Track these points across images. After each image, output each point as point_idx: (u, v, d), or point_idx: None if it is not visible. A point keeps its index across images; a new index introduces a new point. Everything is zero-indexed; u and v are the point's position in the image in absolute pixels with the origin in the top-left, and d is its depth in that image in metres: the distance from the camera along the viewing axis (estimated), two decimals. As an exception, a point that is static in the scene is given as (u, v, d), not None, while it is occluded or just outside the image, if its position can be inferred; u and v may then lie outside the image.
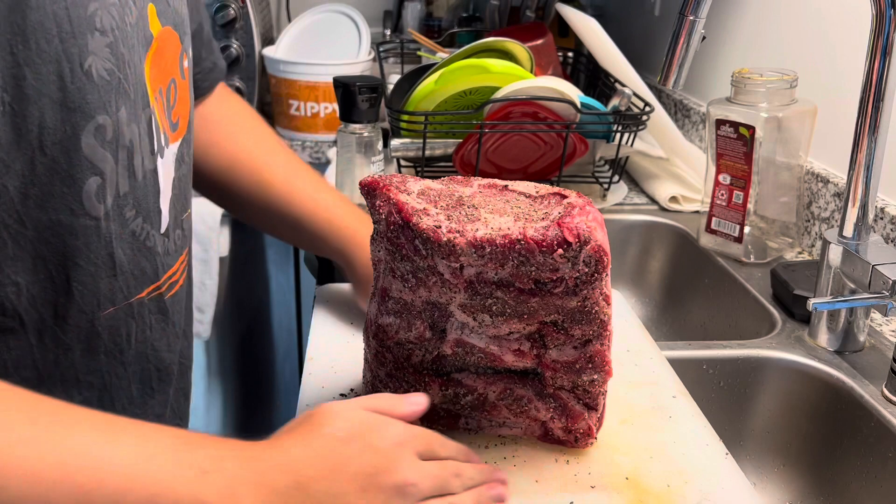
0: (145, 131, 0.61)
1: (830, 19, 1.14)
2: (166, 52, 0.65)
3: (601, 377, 0.61)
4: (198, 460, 0.48)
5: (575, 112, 1.19)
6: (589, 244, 0.55)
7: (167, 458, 0.48)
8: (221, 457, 0.49)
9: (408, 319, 0.61)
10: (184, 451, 0.49)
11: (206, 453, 0.49)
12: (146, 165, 0.62)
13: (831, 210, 1.08)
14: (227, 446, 0.51)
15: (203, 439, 0.51)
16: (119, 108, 0.57)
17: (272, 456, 0.51)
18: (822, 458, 0.85)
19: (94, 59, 0.54)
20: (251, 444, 0.52)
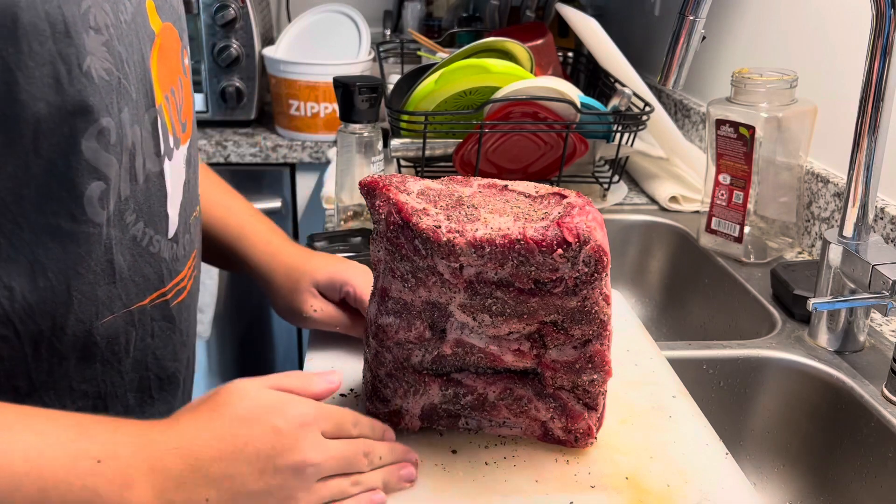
0: (149, 133, 0.60)
1: (830, 19, 1.14)
2: (169, 49, 0.64)
3: (601, 377, 0.61)
4: (92, 449, 0.48)
5: (575, 112, 1.19)
6: (588, 244, 0.55)
7: (61, 450, 0.47)
8: (116, 443, 0.49)
9: (407, 319, 0.61)
10: (79, 440, 0.49)
11: (102, 440, 0.49)
12: (148, 168, 0.60)
13: (831, 210, 1.08)
14: (124, 430, 0.50)
15: (100, 424, 0.50)
16: (121, 109, 0.55)
17: (169, 439, 0.51)
18: (822, 458, 0.85)
19: (92, 59, 0.52)
20: (149, 425, 0.52)
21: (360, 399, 0.69)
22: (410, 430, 0.65)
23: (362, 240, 1.01)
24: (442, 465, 0.62)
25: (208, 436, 0.51)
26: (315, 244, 1.00)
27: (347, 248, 0.99)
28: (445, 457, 0.63)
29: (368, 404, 0.65)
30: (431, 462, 0.62)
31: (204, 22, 1.60)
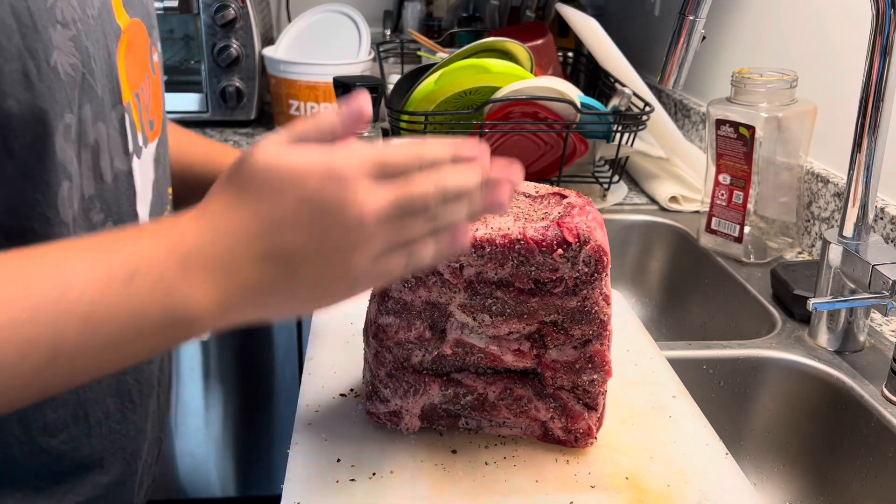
0: (116, 130, 0.57)
1: (830, 19, 1.14)
2: (137, 46, 0.61)
3: (601, 377, 0.61)
4: (122, 264, 0.44)
5: (575, 112, 1.19)
6: (588, 244, 0.55)
7: (89, 275, 0.43)
8: (143, 250, 0.45)
9: (407, 319, 0.61)
10: (103, 260, 0.44)
11: (128, 252, 0.45)
12: (116, 166, 0.58)
13: (831, 210, 1.08)
14: (148, 235, 0.46)
15: (120, 237, 0.46)
16: (83, 105, 0.54)
17: (200, 231, 0.46)
18: (822, 458, 0.85)
19: (58, 55, 0.51)
20: (173, 221, 0.47)
21: (360, 399, 0.69)
22: (410, 430, 0.65)
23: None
24: (442, 465, 0.62)
25: (241, 216, 0.46)
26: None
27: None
28: (445, 457, 0.63)
29: (368, 404, 0.65)
30: (431, 462, 0.62)
31: (204, 22, 1.60)
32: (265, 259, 0.45)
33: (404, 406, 0.64)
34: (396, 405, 0.64)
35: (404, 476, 0.60)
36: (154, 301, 0.44)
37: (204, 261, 0.45)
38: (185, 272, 0.44)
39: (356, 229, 0.46)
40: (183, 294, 0.44)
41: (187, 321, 0.45)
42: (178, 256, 0.45)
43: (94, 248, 0.45)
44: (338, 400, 0.69)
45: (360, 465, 0.61)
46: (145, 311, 0.44)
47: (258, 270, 0.45)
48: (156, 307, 0.44)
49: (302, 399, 0.69)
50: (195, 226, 0.46)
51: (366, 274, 0.47)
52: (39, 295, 0.42)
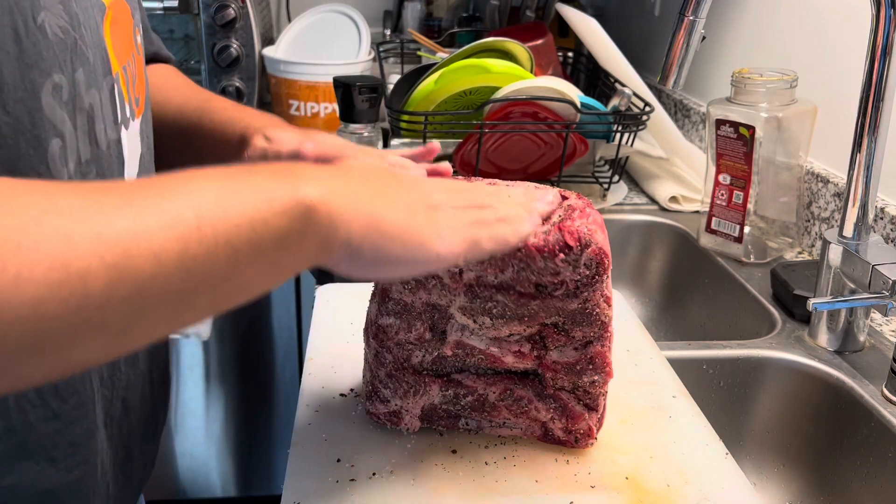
0: (107, 99, 0.59)
1: (830, 19, 1.14)
2: (121, 24, 0.63)
3: (602, 378, 0.61)
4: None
5: (575, 112, 1.19)
6: (590, 247, 0.55)
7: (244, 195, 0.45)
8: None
9: (408, 321, 0.61)
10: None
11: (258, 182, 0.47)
12: (109, 135, 0.60)
13: (831, 210, 1.08)
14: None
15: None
16: (76, 69, 0.55)
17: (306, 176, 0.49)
18: (822, 458, 0.85)
19: (46, 15, 0.52)
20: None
21: (360, 399, 0.69)
22: (410, 430, 0.65)
23: (362, 240, 1.01)
24: (442, 465, 0.62)
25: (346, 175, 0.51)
26: (315, 244, 1.00)
27: (347, 248, 0.99)
28: (446, 457, 0.63)
29: (368, 404, 0.65)
30: (431, 462, 0.62)
31: (204, 22, 1.60)
32: (359, 179, 0.50)
33: (404, 406, 0.64)
34: (396, 405, 0.64)
35: (404, 476, 0.60)
36: (274, 181, 0.46)
37: (309, 170, 0.48)
38: (294, 173, 0.47)
39: (429, 191, 0.53)
40: (296, 180, 0.46)
41: (308, 200, 0.46)
42: (284, 168, 0.48)
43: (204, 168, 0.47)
44: (338, 400, 0.69)
45: (360, 465, 0.61)
46: (269, 188, 0.45)
47: (357, 176, 0.50)
48: (277, 186, 0.45)
49: (302, 399, 0.69)
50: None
51: (450, 232, 0.52)
52: (170, 184, 0.43)
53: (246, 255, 0.44)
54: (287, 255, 0.46)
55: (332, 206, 0.47)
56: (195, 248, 0.41)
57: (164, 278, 0.40)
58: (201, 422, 1.83)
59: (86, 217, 0.39)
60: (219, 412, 1.84)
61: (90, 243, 0.38)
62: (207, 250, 0.42)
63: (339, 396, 0.70)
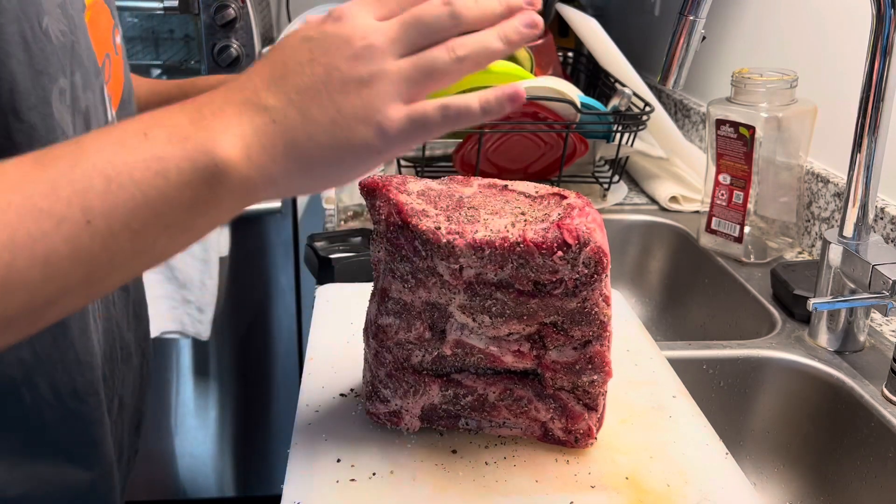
0: (99, 100, 0.59)
1: (830, 19, 1.14)
2: (100, 23, 0.63)
3: (601, 378, 0.61)
4: (137, 128, 0.42)
5: (575, 112, 1.19)
6: (588, 246, 0.55)
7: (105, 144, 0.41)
8: (160, 117, 0.43)
9: (407, 320, 0.61)
10: (115, 131, 0.43)
11: (145, 120, 0.43)
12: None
13: (831, 210, 1.08)
14: (165, 112, 0.44)
15: (137, 120, 0.44)
16: (74, 71, 0.55)
17: (216, 94, 0.44)
18: (822, 458, 0.85)
19: (49, 20, 0.52)
20: (191, 100, 0.45)
21: (360, 399, 0.69)
22: (410, 430, 0.65)
23: (362, 240, 1.01)
24: (442, 465, 0.62)
25: (250, 71, 0.45)
26: (315, 244, 1.00)
27: (347, 248, 0.99)
28: (445, 457, 0.63)
29: (368, 404, 0.65)
30: (431, 462, 0.62)
31: (204, 22, 1.60)
32: (275, 92, 0.43)
33: (404, 406, 0.64)
34: (396, 405, 0.64)
35: (404, 476, 0.60)
36: (172, 147, 0.41)
37: (216, 106, 0.43)
38: (200, 118, 0.42)
39: (363, 54, 0.43)
40: (202, 137, 0.42)
41: (215, 166, 0.41)
42: (191, 109, 0.43)
43: (105, 127, 0.46)
44: (338, 400, 0.69)
45: (360, 465, 0.61)
46: (166, 160, 0.41)
47: (272, 102, 0.43)
48: (177, 154, 0.41)
49: (302, 399, 0.69)
50: (214, 91, 0.45)
51: (392, 113, 0.43)
52: (56, 168, 0.40)
53: (151, 232, 0.41)
54: (200, 218, 0.43)
55: (245, 163, 0.42)
56: (88, 243, 0.40)
57: (60, 277, 0.39)
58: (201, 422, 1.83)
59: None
60: (219, 412, 1.84)
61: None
62: (104, 241, 0.40)
63: (339, 396, 0.70)
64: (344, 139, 0.43)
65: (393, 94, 0.43)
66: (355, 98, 0.43)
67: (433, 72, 0.44)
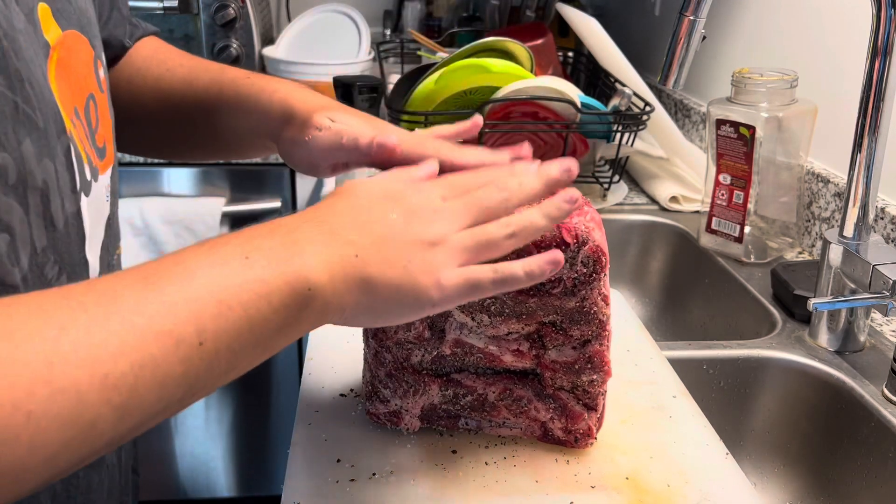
0: (63, 166, 0.49)
1: (830, 19, 1.14)
2: (74, 61, 0.53)
3: (600, 377, 0.61)
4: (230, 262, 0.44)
5: (575, 112, 1.19)
6: (587, 245, 0.55)
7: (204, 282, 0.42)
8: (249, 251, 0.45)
9: (407, 319, 0.61)
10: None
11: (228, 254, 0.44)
12: (67, 209, 0.50)
13: (831, 210, 1.08)
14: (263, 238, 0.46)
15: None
16: (21, 140, 0.45)
17: (298, 236, 0.47)
18: (822, 458, 0.85)
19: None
20: (275, 223, 0.48)
21: (360, 399, 0.69)
22: (410, 430, 0.65)
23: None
24: (442, 465, 0.62)
25: (332, 205, 0.49)
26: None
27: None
28: (446, 457, 0.63)
29: (368, 404, 0.65)
30: (431, 462, 0.62)
31: (204, 22, 1.60)
32: (360, 232, 0.48)
33: (404, 406, 0.64)
34: (396, 405, 0.64)
35: (404, 476, 0.60)
36: (273, 270, 0.44)
37: (308, 234, 0.46)
38: (295, 243, 0.45)
39: (436, 219, 0.49)
40: (297, 263, 0.45)
41: (308, 290, 0.45)
42: (285, 234, 0.46)
43: (203, 247, 0.44)
44: (338, 400, 0.69)
45: (360, 465, 0.61)
46: (269, 283, 0.43)
47: (356, 238, 0.47)
48: (278, 279, 0.44)
49: (302, 399, 0.69)
50: (292, 216, 0.48)
51: (451, 273, 0.49)
52: (169, 288, 0.41)
53: (246, 352, 0.43)
54: (283, 338, 0.45)
55: (329, 288, 0.46)
56: (197, 364, 0.41)
57: (168, 397, 0.40)
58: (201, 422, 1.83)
59: (89, 358, 0.37)
60: (219, 412, 1.84)
61: (98, 391, 0.37)
62: (209, 362, 0.41)
63: (339, 396, 0.70)
64: (409, 285, 0.48)
65: (455, 257, 0.49)
66: (424, 253, 0.48)
67: (488, 244, 0.50)
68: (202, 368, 0.41)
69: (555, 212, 0.52)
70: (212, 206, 1.60)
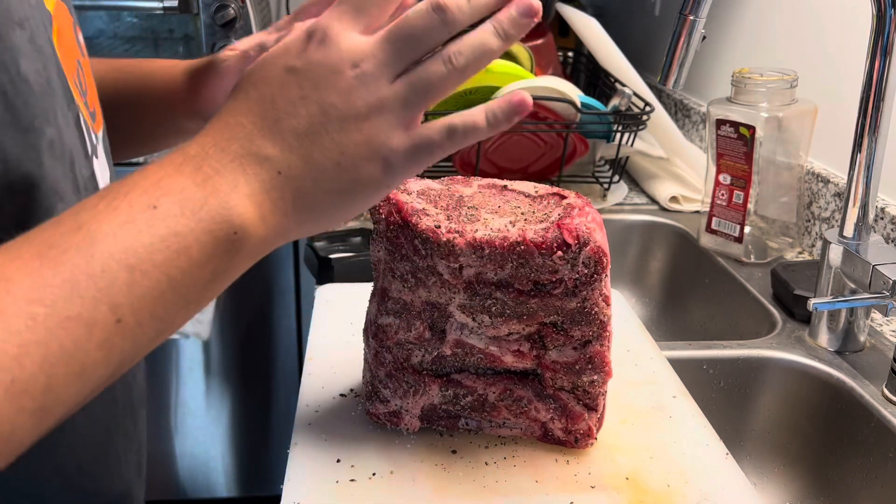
0: (76, 133, 0.50)
1: (830, 19, 1.14)
2: (65, 30, 0.53)
3: (601, 378, 0.61)
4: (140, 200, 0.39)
5: (575, 112, 1.19)
6: (588, 245, 0.55)
7: (108, 227, 0.37)
8: (151, 179, 0.39)
9: (407, 320, 0.61)
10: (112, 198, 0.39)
11: (142, 186, 0.39)
12: (85, 174, 0.50)
13: (831, 210, 1.08)
14: (148, 171, 0.40)
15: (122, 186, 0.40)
16: (56, 113, 0.46)
17: (198, 145, 0.41)
18: (822, 458, 0.85)
19: (24, 61, 0.43)
20: (169, 156, 0.41)
21: (360, 399, 0.69)
22: (410, 430, 0.65)
23: (362, 240, 1.01)
24: (442, 465, 0.62)
25: (235, 110, 0.42)
26: (315, 244, 1.00)
27: (347, 247, 0.99)
28: (445, 457, 0.63)
29: (368, 404, 0.65)
30: (431, 462, 0.62)
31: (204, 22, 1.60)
32: (273, 139, 0.41)
33: (404, 406, 0.64)
34: (396, 405, 0.64)
35: (404, 476, 0.60)
36: (187, 219, 0.38)
37: (218, 162, 0.40)
38: (204, 180, 0.40)
39: (356, 84, 0.41)
40: (214, 205, 0.39)
41: (234, 235, 0.40)
42: (191, 169, 0.40)
43: (103, 200, 0.38)
44: (338, 400, 0.69)
45: (360, 465, 0.61)
46: (185, 236, 0.38)
47: (271, 151, 0.41)
48: (194, 228, 0.38)
49: (302, 399, 0.69)
50: (194, 140, 0.42)
51: (396, 144, 0.42)
52: (69, 263, 0.36)
53: (173, 314, 0.39)
54: (217, 287, 0.41)
55: (259, 224, 0.41)
56: (119, 343, 0.37)
57: (92, 382, 0.36)
58: (201, 422, 1.83)
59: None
60: (219, 412, 1.84)
61: (7, 400, 0.33)
62: (133, 337, 0.37)
63: (339, 396, 0.70)
64: (350, 181, 0.42)
65: (394, 123, 0.42)
66: (357, 135, 0.41)
67: (432, 89, 0.42)
68: (126, 346, 0.37)
69: (511, 28, 0.43)
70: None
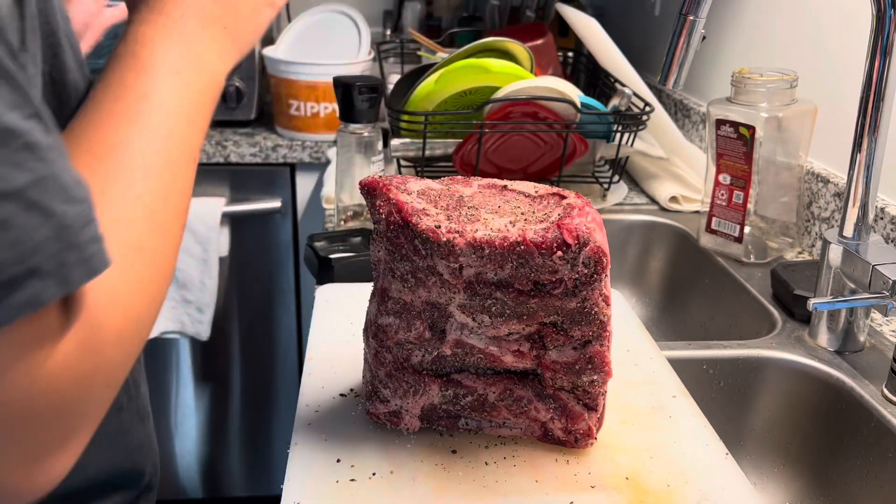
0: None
1: (830, 19, 1.14)
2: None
3: (601, 378, 0.61)
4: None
5: (575, 112, 1.19)
6: (588, 245, 0.55)
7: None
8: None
9: (407, 320, 0.61)
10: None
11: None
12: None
13: (831, 210, 1.08)
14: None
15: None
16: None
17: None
18: (822, 458, 0.85)
19: (72, 74, 0.55)
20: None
21: (360, 399, 0.69)
22: (410, 430, 0.65)
23: (362, 240, 1.01)
24: (442, 465, 0.62)
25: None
26: (315, 244, 1.00)
27: (347, 248, 0.99)
28: (445, 457, 0.63)
29: (368, 404, 0.65)
30: (431, 462, 0.62)
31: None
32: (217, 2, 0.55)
33: (404, 406, 0.64)
34: (396, 405, 0.64)
35: (404, 476, 0.60)
36: (202, 78, 0.53)
37: (206, 44, 0.54)
38: (199, 58, 0.53)
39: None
40: (209, 63, 0.54)
41: (220, 83, 0.55)
42: (188, 46, 0.53)
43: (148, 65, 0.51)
44: (338, 400, 0.69)
45: (360, 465, 0.61)
46: (201, 103, 0.53)
47: (219, 11, 0.55)
48: (205, 83, 0.53)
49: (302, 399, 0.69)
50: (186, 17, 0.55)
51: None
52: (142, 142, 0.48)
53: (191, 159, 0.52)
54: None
55: (226, 70, 0.56)
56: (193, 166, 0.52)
57: (184, 176, 0.51)
58: (201, 422, 1.83)
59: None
60: (219, 412, 1.84)
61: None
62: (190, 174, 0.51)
63: (339, 396, 0.70)
64: (260, 20, 0.58)
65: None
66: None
67: None
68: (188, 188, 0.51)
69: None
70: (212, 206, 1.60)
